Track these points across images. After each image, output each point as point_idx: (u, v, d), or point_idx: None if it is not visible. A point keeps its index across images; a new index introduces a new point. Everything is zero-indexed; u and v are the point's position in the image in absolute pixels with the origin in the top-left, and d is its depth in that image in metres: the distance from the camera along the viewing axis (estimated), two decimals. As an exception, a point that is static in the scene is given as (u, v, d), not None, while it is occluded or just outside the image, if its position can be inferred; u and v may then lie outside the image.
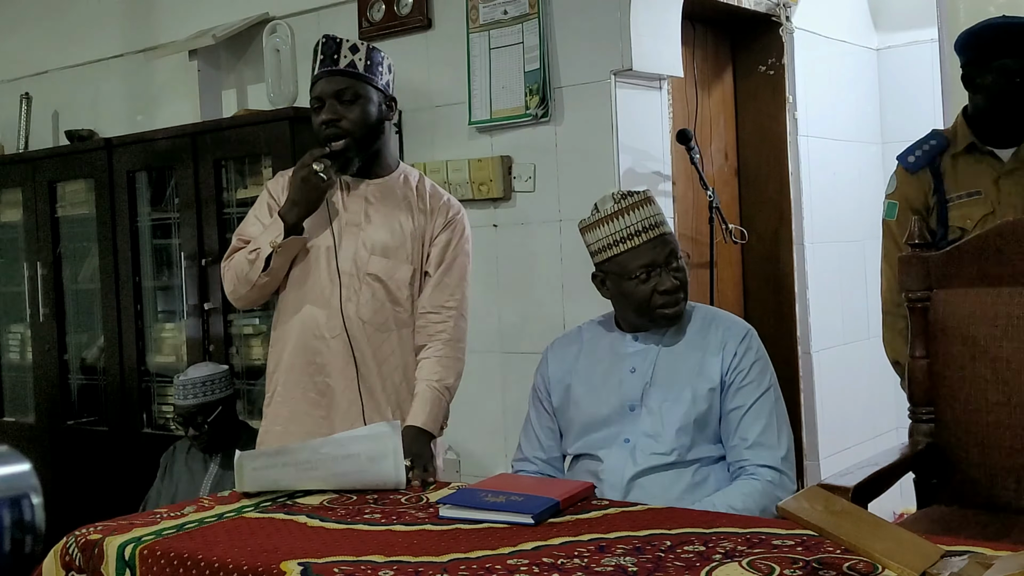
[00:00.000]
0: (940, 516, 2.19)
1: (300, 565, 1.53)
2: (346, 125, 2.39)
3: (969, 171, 2.72)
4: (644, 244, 2.15)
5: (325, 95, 2.40)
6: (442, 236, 2.48)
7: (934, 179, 2.74)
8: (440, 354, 2.43)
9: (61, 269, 4.49)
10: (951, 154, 2.74)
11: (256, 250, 2.40)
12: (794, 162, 4.03)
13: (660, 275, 2.15)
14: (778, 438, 2.15)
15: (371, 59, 2.43)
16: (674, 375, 2.18)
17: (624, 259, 2.16)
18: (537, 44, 3.37)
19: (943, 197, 2.73)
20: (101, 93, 4.75)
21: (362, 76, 2.41)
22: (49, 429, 4.50)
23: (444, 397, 2.41)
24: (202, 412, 3.20)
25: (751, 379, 2.17)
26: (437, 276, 2.46)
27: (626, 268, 2.16)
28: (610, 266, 2.19)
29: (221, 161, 3.84)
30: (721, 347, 2.19)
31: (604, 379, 2.24)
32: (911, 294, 2.32)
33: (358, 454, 2.04)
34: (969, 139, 2.73)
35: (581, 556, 1.53)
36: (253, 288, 2.43)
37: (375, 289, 2.42)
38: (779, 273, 4.08)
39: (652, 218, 2.17)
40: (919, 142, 2.82)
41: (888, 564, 1.35)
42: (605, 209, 2.18)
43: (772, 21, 4.02)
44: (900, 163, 2.81)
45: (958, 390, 2.25)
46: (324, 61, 2.42)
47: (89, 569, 1.75)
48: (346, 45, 2.42)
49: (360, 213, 2.45)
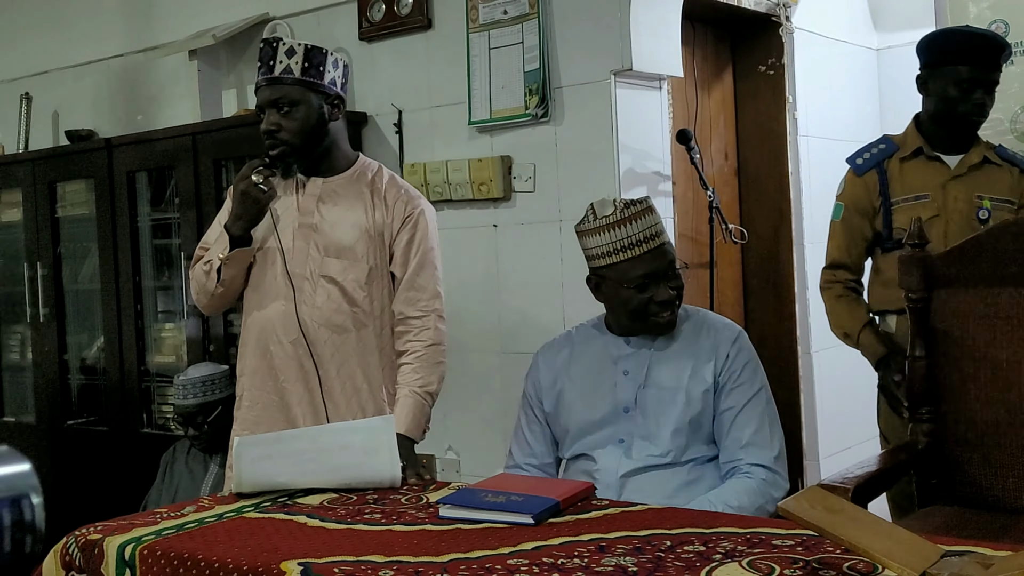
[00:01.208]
0: (940, 516, 2.19)
1: (300, 565, 1.53)
2: (284, 136, 2.37)
3: (916, 175, 2.80)
4: (645, 254, 2.14)
5: (263, 103, 2.39)
6: (403, 234, 2.44)
7: (880, 182, 2.82)
8: (421, 359, 2.41)
9: (61, 269, 4.49)
10: (899, 158, 2.83)
11: (209, 262, 2.42)
12: (794, 162, 4.03)
13: (658, 286, 2.16)
14: (771, 438, 2.16)
15: (310, 60, 2.38)
16: (668, 378, 2.19)
17: (624, 267, 2.16)
18: (537, 44, 3.37)
19: (888, 200, 2.80)
20: (101, 93, 4.75)
21: (300, 81, 2.37)
22: (49, 429, 4.50)
23: (426, 402, 2.40)
24: (202, 412, 3.20)
25: (744, 380, 2.18)
26: (408, 278, 2.43)
27: (625, 276, 2.16)
28: (608, 272, 2.19)
29: (221, 161, 3.84)
30: (714, 350, 2.20)
31: (597, 382, 2.24)
32: (911, 294, 2.32)
33: (353, 445, 2.05)
34: (918, 144, 2.82)
35: (581, 556, 1.53)
36: (213, 297, 2.46)
37: (330, 291, 2.41)
38: (779, 273, 4.08)
39: (653, 227, 2.16)
40: (868, 145, 2.91)
41: (888, 564, 1.35)
42: (606, 216, 2.16)
43: (772, 21, 4.02)
44: (849, 165, 2.91)
45: (958, 390, 2.25)
46: (261, 68, 2.39)
47: (89, 569, 1.75)
48: (282, 49, 2.37)
49: (313, 213, 2.43)
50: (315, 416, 2.41)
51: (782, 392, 4.00)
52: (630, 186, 3.33)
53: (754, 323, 4.14)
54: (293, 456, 2.04)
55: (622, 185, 3.29)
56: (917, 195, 2.78)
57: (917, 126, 2.87)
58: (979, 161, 2.80)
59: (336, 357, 2.41)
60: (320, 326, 2.40)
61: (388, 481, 2.03)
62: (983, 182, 2.78)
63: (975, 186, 2.77)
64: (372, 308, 2.44)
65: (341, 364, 2.42)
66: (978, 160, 2.80)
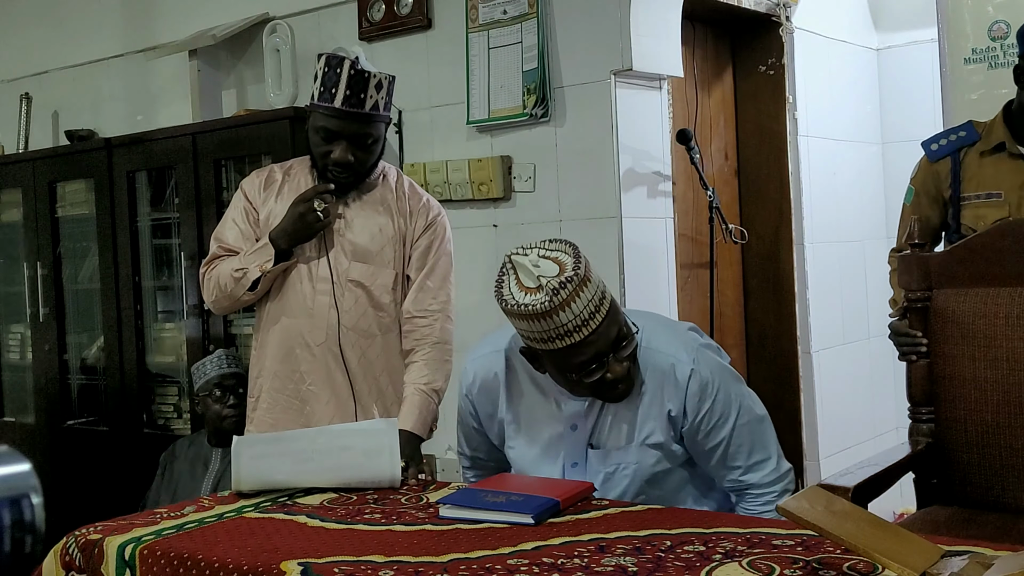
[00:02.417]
0: (940, 516, 2.19)
1: (300, 565, 1.53)
2: (358, 168, 2.37)
3: (993, 170, 2.58)
4: (588, 338, 1.81)
5: (344, 134, 2.31)
6: (423, 239, 2.46)
7: (952, 172, 2.62)
8: (427, 357, 2.42)
9: (61, 269, 4.49)
10: (978, 150, 2.60)
11: (242, 269, 2.39)
12: (794, 162, 4.03)
13: (608, 363, 1.86)
14: (766, 448, 2.00)
15: (390, 93, 2.36)
16: (619, 437, 1.99)
17: (563, 355, 1.84)
18: (536, 44, 3.37)
19: (957, 193, 2.62)
20: (101, 93, 4.74)
21: (382, 117, 2.36)
22: (49, 429, 4.50)
23: (432, 400, 2.41)
24: (239, 382, 3.15)
25: (715, 419, 1.95)
26: (420, 280, 2.45)
27: (568, 363, 1.86)
28: (546, 356, 1.89)
29: (221, 161, 3.84)
30: (665, 414, 1.96)
31: (540, 429, 2.05)
32: (911, 294, 2.32)
33: (353, 447, 2.04)
34: (1002, 137, 2.57)
35: (581, 556, 1.53)
36: (236, 303, 2.47)
37: (357, 295, 2.42)
38: (779, 273, 4.08)
39: (592, 302, 1.81)
40: (946, 131, 2.70)
41: (888, 564, 1.35)
42: (534, 304, 1.78)
43: (772, 21, 4.02)
44: (923, 149, 2.71)
45: (958, 390, 2.25)
46: (349, 97, 2.28)
47: (89, 569, 1.75)
48: (373, 82, 2.29)
49: (340, 219, 2.44)
50: (342, 420, 2.41)
51: (782, 392, 4.00)
52: (630, 186, 3.33)
53: (754, 323, 4.15)
54: (292, 455, 2.04)
55: (622, 185, 3.29)
56: (989, 193, 2.56)
57: (1006, 118, 2.58)
58: None
59: (364, 360, 2.43)
60: (348, 330, 2.41)
61: (387, 483, 2.03)
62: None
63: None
64: (398, 313, 2.47)
65: (368, 367, 2.44)
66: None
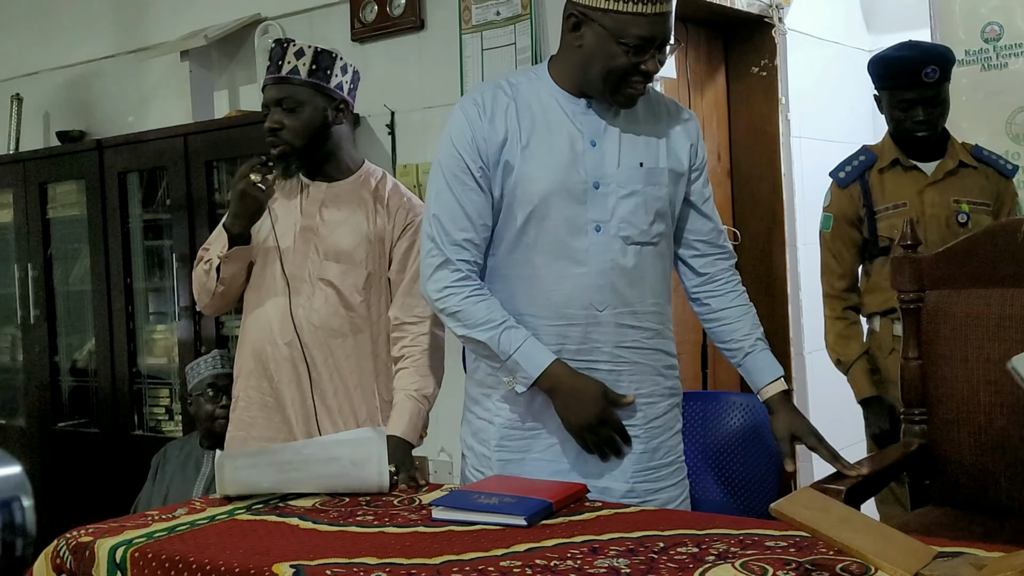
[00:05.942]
0: (933, 517, 2.20)
1: (292, 567, 1.52)
2: (286, 135, 2.37)
3: (895, 184, 2.90)
4: (653, 15, 1.85)
5: (269, 102, 2.39)
6: (403, 240, 2.44)
7: (863, 193, 2.93)
8: (418, 363, 2.40)
9: (52, 271, 4.48)
10: (878, 168, 2.93)
11: (209, 261, 2.43)
12: (787, 163, 4.03)
13: (651, 54, 1.89)
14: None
15: (319, 63, 2.38)
16: (641, 156, 1.98)
17: (625, 21, 1.86)
18: (529, 45, 3.37)
19: (871, 209, 2.91)
20: (92, 94, 4.73)
21: (306, 82, 2.37)
22: (40, 431, 4.49)
23: (423, 406, 2.39)
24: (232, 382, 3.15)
25: (704, 173, 2.12)
26: (406, 284, 2.43)
27: (623, 31, 1.86)
28: (603, 18, 1.88)
29: (213, 162, 3.84)
30: (686, 135, 2.06)
31: (556, 144, 1.96)
32: (904, 295, 2.32)
33: (341, 457, 2.03)
34: (894, 154, 2.92)
35: (574, 558, 1.53)
36: (213, 297, 2.46)
37: (328, 294, 2.40)
38: (772, 274, 4.08)
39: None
40: (849, 158, 3.01)
41: (881, 565, 1.35)
42: None
43: (765, 22, 4.03)
44: (832, 178, 3.01)
45: (950, 391, 2.25)
46: (270, 67, 2.40)
47: (80, 572, 1.74)
48: (292, 49, 2.38)
49: (315, 216, 2.43)
50: (306, 419, 2.41)
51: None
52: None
53: (747, 324, 4.14)
54: (278, 466, 2.02)
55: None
56: (895, 204, 2.88)
57: (894, 138, 2.95)
58: (955, 166, 2.88)
59: (330, 360, 2.41)
60: (316, 329, 2.40)
61: (375, 491, 2.02)
62: (959, 186, 2.87)
63: (952, 191, 2.86)
64: (369, 313, 2.44)
65: (335, 368, 2.42)
66: (953, 165, 2.88)
